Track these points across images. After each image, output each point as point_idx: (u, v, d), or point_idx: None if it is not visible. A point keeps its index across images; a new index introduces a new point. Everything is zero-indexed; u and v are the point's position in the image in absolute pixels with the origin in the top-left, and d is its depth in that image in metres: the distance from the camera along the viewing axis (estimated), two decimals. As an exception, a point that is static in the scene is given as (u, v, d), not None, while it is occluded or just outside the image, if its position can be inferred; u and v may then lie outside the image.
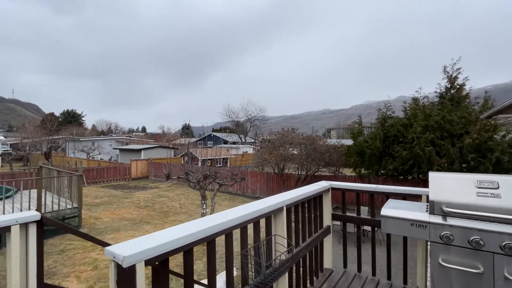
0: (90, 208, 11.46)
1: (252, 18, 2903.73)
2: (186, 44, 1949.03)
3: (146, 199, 13.54)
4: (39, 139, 31.81)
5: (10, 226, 1.36)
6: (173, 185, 18.04)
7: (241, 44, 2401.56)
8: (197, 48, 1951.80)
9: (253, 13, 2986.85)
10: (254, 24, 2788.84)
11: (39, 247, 1.48)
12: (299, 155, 10.89)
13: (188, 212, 11.18)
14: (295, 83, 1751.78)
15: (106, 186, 17.83)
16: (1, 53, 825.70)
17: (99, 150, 33.76)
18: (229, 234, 1.43)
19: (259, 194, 14.50)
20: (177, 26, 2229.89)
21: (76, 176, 8.71)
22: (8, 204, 8.23)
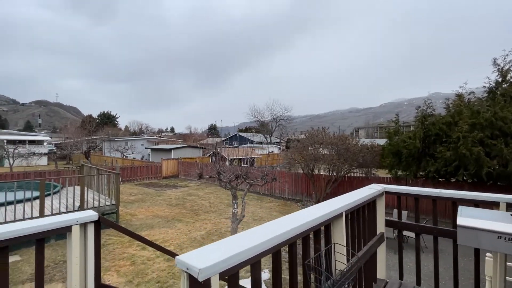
0: (125, 205, 12.01)
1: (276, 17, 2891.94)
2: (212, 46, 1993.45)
3: (177, 197, 13.94)
4: (80, 139, 34.24)
5: (71, 226, 1.35)
6: (202, 184, 18.42)
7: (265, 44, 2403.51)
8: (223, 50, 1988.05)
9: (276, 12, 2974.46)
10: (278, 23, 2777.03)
11: (96, 247, 1.46)
12: (330, 155, 10.52)
13: (218, 211, 11.29)
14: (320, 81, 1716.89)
15: (139, 184, 18.67)
16: (48, 61, 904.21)
17: (132, 150, 35.56)
18: (293, 244, 1.30)
19: (287, 195, 14.30)
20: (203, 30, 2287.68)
21: (114, 174, 9.15)
22: (55, 200, 8.87)
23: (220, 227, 9.22)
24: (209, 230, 8.86)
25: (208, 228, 9.12)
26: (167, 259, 6.50)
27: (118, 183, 9.04)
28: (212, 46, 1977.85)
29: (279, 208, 12.04)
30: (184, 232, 8.58)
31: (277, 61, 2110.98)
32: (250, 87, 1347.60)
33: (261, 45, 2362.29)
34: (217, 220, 10.02)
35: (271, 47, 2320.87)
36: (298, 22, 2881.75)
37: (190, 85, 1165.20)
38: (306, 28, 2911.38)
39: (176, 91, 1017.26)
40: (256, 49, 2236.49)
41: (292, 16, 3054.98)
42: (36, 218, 7.33)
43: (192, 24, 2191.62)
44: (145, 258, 6.57)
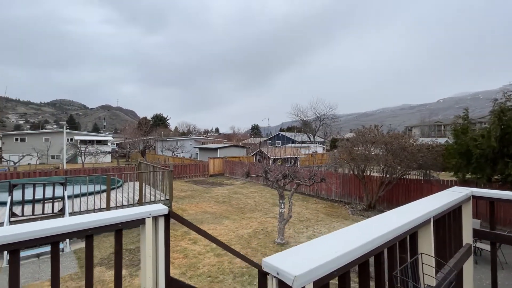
0: (177, 200, 12.76)
1: (318, 13, 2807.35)
2: (255, 47, 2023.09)
3: (223, 195, 14.35)
4: (137, 139, 37.69)
5: (145, 219, 1.37)
6: (246, 182, 18.71)
7: (308, 42, 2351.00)
8: (265, 50, 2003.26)
9: (318, 8, 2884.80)
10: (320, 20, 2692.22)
11: (166, 240, 1.47)
12: (384, 156, 9.71)
13: (263, 210, 11.29)
14: (367, 78, 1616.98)
15: (188, 181, 19.74)
16: (110, 69, 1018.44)
17: (181, 149, 37.91)
18: (381, 253, 1.13)
19: (334, 196, 13.67)
20: (246, 31, 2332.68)
21: (167, 171, 9.77)
22: (119, 193, 9.82)
23: (266, 226, 9.19)
24: (256, 229, 8.88)
25: (255, 226, 9.15)
26: (217, 255, 6.67)
27: (171, 179, 9.62)
28: (254, 47, 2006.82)
29: (326, 210, 11.57)
30: (232, 229, 8.74)
31: (320, 59, 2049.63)
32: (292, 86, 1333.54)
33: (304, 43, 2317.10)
34: (262, 219, 10.02)
35: (314, 45, 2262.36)
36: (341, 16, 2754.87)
37: (234, 86, 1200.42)
38: (351, 22, 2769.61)
39: (220, 92, 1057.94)
40: (298, 47, 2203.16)
41: (335, 10, 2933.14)
42: (103, 209, 8.20)
43: (236, 26, 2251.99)
44: (196, 252, 6.83)
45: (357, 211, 11.25)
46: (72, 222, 1.19)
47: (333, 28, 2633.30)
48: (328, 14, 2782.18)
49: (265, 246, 7.36)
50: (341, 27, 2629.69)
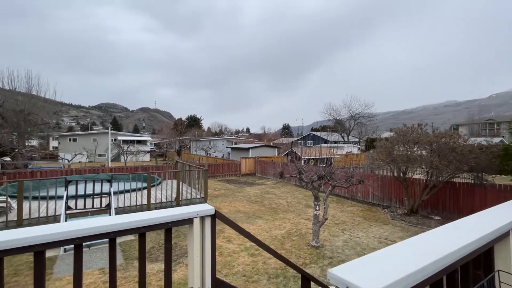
0: (211, 198, 13.10)
1: (352, 9, 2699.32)
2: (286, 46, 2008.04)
3: (255, 195, 14.42)
4: (173, 139, 39.54)
5: (193, 218, 1.38)
6: (278, 183, 18.61)
7: (341, 39, 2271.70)
8: (296, 49, 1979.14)
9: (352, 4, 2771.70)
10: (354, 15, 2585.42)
11: (212, 241, 1.47)
12: (429, 157, 8.95)
13: (296, 211, 11.11)
14: (406, 74, 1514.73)
15: (221, 180, 20.20)
16: (149, 74, 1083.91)
17: (214, 149, 38.95)
18: (455, 271, 0.99)
19: (372, 199, 12.98)
20: (276, 30, 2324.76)
21: (203, 170, 10.06)
22: (158, 191, 10.35)
23: (299, 227, 9.02)
24: (289, 230, 8.76)
25: (288, 227, 9.03)
26: (251, 254, 6.69)
27: (206, 178, 9.89)
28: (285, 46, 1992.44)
29: (363, 213, 11.02)
30: (265, 229, 8.72)
31: (355, 55, 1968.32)
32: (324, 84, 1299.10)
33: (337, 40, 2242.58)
34: (296, 220, 9.85)
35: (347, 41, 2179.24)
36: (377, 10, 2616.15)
37: (264, 86, 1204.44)
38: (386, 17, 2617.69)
39: (251, 93, 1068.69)
40: (330, 45, 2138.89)
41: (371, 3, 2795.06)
42: (144, 205, 8.68)
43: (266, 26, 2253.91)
44: (231, 251, 6.92)
45: (397, 215, 10.55)
46: (127, 220, 1.23)
47: (368, 23, 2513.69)
48: (363, 8, 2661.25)
49: (299, 248, 7.21)
50: (378, 22, 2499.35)
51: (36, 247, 1.03)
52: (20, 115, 23.25)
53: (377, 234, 8.42)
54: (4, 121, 23.13)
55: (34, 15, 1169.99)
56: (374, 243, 7.65)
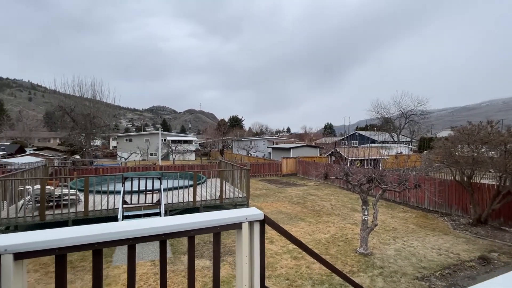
0: (253, 198, 13.19)
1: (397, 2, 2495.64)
2: (329, 44, 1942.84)
3: (297, 196, 14.13)
4: (216, 139, 41.06)
5: (241, 223, 1.31)
6: (321, 184, 17.99)
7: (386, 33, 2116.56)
8: (337, 46, 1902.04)
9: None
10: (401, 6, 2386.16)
11: (261, 247, 1.38)
12: (503, 159, 7.70)
13: (341, 215, 10.57)
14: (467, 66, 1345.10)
15: (262, 180, 20.27)
16: (194, 77, 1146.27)
17: (255, 148, 39.40)
18: None
19: (428, 205, 11.72)
20: (317, 27, 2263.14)
21: (245, 170, 10.17)
22: (203, 189, 10.78)
23: (345, 232, 8.54)
24: (334, 234, 8.35)
25: (332, 231, 8.62)
26: (294, 257, 6.52)
27: (248, 178, 9.98)
28: (326, 43, 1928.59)
29: (417, 220, 10.00)
30: (308, 232, 8.45)
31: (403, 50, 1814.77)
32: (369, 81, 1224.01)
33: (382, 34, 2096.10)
34: (341, 224, 9.36)
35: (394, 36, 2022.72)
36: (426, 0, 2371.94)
37: (305, 85, 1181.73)
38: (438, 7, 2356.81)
39: (291, 92, 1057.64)
40: (376, 40, 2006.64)
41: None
42: (191, 202, 9.08)
43: (307, 25, 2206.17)
44: (273, 252, 6.83)
45: (460, 225, 9.34)
46: (177, 222, 1.22)
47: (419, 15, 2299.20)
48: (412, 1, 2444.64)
49: (346, 255, 6.81)
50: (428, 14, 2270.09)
51: (95, 246, 1.07)
52: (87, 118, 26.42)
53: (436, 245, 7.54)
54: (75, 124, 26.52)
55: (99, 30, 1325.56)
56: (432, 255, 6.86)
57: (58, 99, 28.00)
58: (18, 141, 40.62)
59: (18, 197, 8.42)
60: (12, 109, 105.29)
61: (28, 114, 78.31)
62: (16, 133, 48.62)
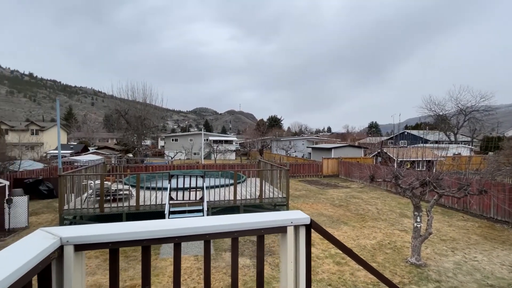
0: (292, 199, 12.99)
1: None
2: (371, 38, 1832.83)
3: (339, 198, 13.53)
4: (255, 139, 41.51)
5: (286, 227, 1.24)
6: (365, 186, 16.98)
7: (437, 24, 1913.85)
8: (383, 40, 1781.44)
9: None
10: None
11: (307, 254, 1.29)
12: None
13: (388, 220, 9.82)
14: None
15: (302, 180, 19.88)
16: (234, 79, 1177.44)
17: (294, 148, 38.88)
18: None
19: (493, 214, 10.25)
20: (360, 22, 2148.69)
21: (284, 170, 10.05)
22: (243, 188, 10.94)
23: (393, 239, 7.90)
24: (380, 241, 7.78)
25: (379, 238, 8.04)
26: (336, 262, 6.23)
27: (288, 178, 9.84)
28: (370, 38, 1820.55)
29: (481, 231, 8.80)
30: (352, 237, 8.01)
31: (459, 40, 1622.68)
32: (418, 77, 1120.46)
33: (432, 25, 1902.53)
34: (388, 231, 8.69)
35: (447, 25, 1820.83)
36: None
37: (346, 83, 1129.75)
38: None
39: (332, 91, 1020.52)
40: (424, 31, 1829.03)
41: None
42: (231, 201, 9.27)
43: (347, 20, 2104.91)
44: (315, 256, 6.61)
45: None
46: (222, 223, 1.21)
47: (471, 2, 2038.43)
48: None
49: (394, 264, 6.28)
50: None
51: (144, 242, 1.10)
52: (138, 120, 28.83)
53: (507, 260, 6.53)
54: (129, 125, 29.13)
55: (149, 38, 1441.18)
56: (502, 272, 5.95)
57: (114, 103, 31.10)
58: (83, 141, 46.12)
59: (83, 191, 9.50)
60: (79, 113, 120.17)
61: (91, 117, 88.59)
62: (82, 134, 55.26)
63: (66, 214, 8.23)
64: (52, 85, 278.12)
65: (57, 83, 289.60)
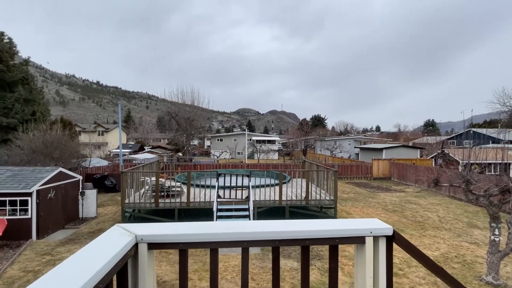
0: (339, 201, 12.37)
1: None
2: (425, 29, 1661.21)
3: (393, 202, 12.46)
4: (298, 139, 40.82)
5: (364, 237, 1.08)
6: (422, 191, 15.38)
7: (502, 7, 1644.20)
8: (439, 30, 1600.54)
9: None
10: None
11: (388, 271, 1.12)
12: None
13: (454, 230, 8.69)
14: None
15: (349, 182, 18.86)
16: (276, 79, 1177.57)
17: (340, 149, 37.20)
18: None
19: None
20: (412, 11, 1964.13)
21: (332, 171, 9.60)
22: (289, 188, 10.77)
23: (461, 252, 6.95)
24: (445, 253, 6.91)
25: (443, 249, 7.15)
26: (393, 274, 5.69)
27: (336, 180, 9.39)
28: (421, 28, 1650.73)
29: None
30: (410, 247, 7.27)
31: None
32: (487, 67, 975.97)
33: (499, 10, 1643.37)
34: (454, 242, 7.69)
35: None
36: None
37: (397, 78, 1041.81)
38: None
39: (380, 87, 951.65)
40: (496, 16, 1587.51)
41: None
42: (277, 201, 9.17)
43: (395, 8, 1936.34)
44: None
45: None
46: (291, 229, 1.12)
47: None
48: None
49: (465, 281, 5.50)
50: None
51: (212, 244, 1.06)
52: (187, 121, 30.59)
53: None
54: (179, 126, 31.12)
55: (196, 44, 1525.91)
56: None
57: (166, 106, 33.50)
58: (139, 141, 50.75)
59: (140, 186, 10.37)
60: (136, 115, 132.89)
61: (146, 119, 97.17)
62: (138, 135, 60.90)
63: (127, 207, 9.06)
64: (114, 91, 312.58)
65: (118, 89, 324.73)
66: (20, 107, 19.14)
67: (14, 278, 5.73)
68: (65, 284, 0.67)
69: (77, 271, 0.73)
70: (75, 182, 9.82)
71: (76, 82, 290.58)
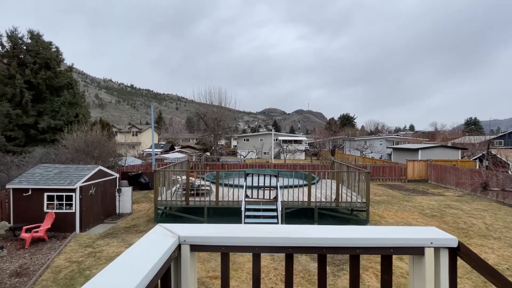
0: (372, 204, 11.79)
1: None
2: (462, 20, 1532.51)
3: (430, 207, 11.63)
4: (326, 139, 39.81)
5: (423, 248, 0.97)
6: (464, 195, 14.17)
7: None
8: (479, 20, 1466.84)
9: None
10: None
11: (451, 286, 0.98)
12: None
13: (504, 240, 7.87)
14: None
15: (382, 184, 17.96)
16: (302, 78, 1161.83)
17: (370, 149, 35.64)
18: None
19: None
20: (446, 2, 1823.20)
21: (364, 172, 9.19)
22: (317, 189, 10.51)
23: (515, 265, 6.26)
24: (494, 264, 6.28)
25: (492, 260, 6.52)
26: None
27: (368, 181, 8.97)
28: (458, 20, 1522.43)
29: None
30: (452, 255, 6.71)
31: None
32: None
33: None
34: (505, 253, 6.96)
35: None
36: None
37: (431, 74, 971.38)
38: None
39: (413, 84, 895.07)
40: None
41: None
42: (305, 202, 8.98)
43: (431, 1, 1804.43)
44: (399, 274, 5.77)
45: None
46: (340, 236, 1.04)
47: None
48: None
49: (520, 297, 4.92)
50: None
51: (255, 249, 1.02)
52: (215, 121, 31.24)
53: None
54: (207, 127, 31.89)
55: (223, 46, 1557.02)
56: None
57: (195, 107, 34.51)
58: (170, 141, 52.87)
59: (171, 185, 10.75)
60: (166, 117, 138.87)
61: (175, 120, 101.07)
62: (169, 135, 63.50)
63: (159, 205, 9.44)
64: (146, 93, 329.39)
65: (150, 92, 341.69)
66: (65, 110, 20.86)
67: (61, 267, 6.22)
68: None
69: (127, 274, 0.72)
70: (113, 180, 10.44)
71: (113, 86, 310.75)
